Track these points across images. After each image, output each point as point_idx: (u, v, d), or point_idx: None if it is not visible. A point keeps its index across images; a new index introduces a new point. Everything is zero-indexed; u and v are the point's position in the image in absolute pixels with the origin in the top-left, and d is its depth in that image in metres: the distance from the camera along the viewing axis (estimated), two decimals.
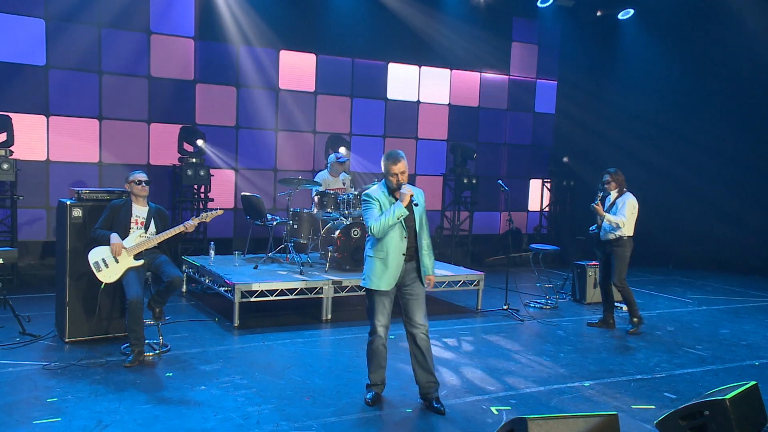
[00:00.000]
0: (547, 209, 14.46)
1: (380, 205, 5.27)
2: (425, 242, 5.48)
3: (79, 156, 10.45)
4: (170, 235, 6.37)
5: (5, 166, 9.25)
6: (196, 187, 10.66)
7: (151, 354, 6.38)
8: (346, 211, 8.55)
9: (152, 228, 6.43)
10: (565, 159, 13.70)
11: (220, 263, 8.71)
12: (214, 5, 11.05)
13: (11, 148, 9.46)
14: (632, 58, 13.92)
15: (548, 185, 14.34)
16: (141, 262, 6.28)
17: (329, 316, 8.00)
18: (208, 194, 10.62)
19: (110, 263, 6.20)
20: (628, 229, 7.90)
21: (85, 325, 6.70)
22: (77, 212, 6.63)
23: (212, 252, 8.87)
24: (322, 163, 11.61)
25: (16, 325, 6.90)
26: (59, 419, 4.80)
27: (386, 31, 12.30)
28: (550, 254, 9.85)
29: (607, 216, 7.82)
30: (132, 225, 6.35)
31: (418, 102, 13.08)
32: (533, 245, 9.89)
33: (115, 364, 6.06)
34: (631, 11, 13.35)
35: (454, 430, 4.96)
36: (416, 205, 5.32)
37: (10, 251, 5.59)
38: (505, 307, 8.84)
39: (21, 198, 9.45)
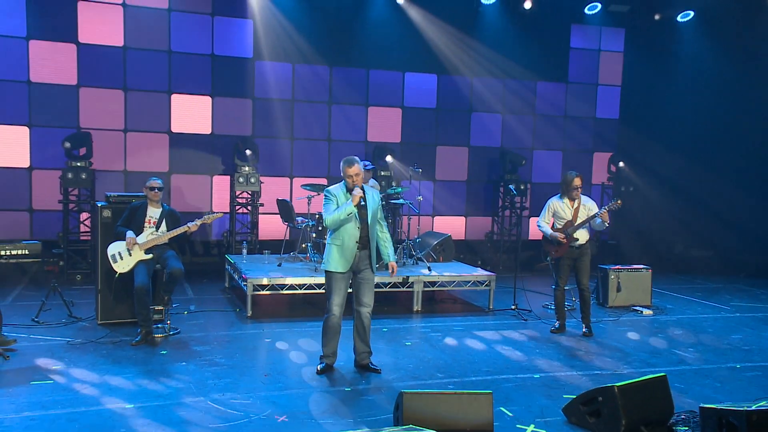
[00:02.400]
0: None
1: (337, 201, 6.14)
2: (383, 234, 6.40)
3: (151, 166, 11.84)
4: (176, 234, 7.35)
5: (83, 176, 10.77)
6: (248, 193, 11.73)
7: (160, 335, 7.37)
8: None
9: (163, 227, 7.44)
10: (621, 164, 13.60)
11: (252, 261, 9.66)
12: (270, 27, 12.13)
13: (91, 160, 10.98)
14: (694, 61, 13.57)
15: (609, 191, 14.24)
16: (150, 256, 7.29)
17: None
18: (258, 200, 11.65)
19: (125, 256, 7.27)
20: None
21: (114, 310, 7.83)
22: (106, 213, 7.80)
23: (244, 251, 9.86)
24: (375, 170, 12.37)
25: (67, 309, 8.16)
26: (51, 381, 5.84)
27: (436, 45, 12.87)
28: None
29: (606, 221, 7.88)
30: (145, 224, 7.39)
31: (470, 111, 13.52)
32: None
33: (125, 343, 7.09)
34: (691, 13, 13.07)
35: (374, 406, 5.51)
36: (363, 206, 6.10)
37: (34, 244, 6.78)
38: (513, 307, 9.16)
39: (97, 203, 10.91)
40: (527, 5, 12.73)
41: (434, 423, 4.64)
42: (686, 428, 5.10)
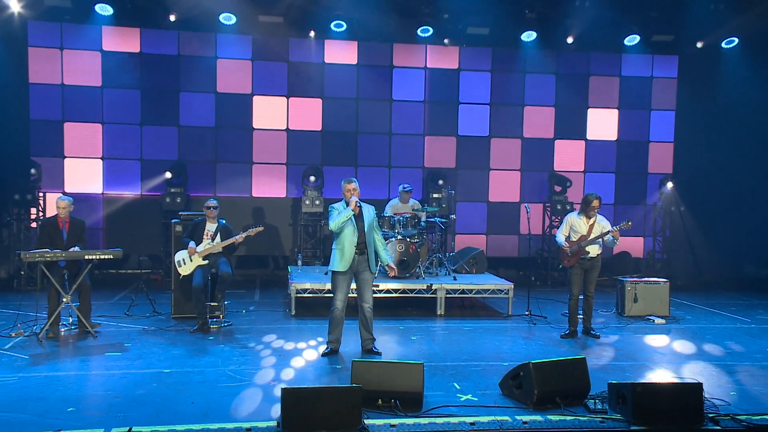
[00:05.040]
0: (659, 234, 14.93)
1: (337, 213, 7.67)
2: (378, 241, 7.91)
3: (236, 191, 13.87)
4: (226, 244, 9.11)
5: (178, 200, 12.93)
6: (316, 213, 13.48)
7: (215, 326, 9.12)
8: (396, 230, 10.62)
9: (218, 239, 9.22)
10: (670, 184, 14.17)
11: (305, 271, 11.31)
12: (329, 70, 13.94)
13: (185, 187, 13.16)
14: (744, 87, 13.83)
15: (661, 211, 14.79)
16: (207, 262, 9.09)
17: None
18: (323, 220, 13.36)
19: (187, 261, 9.11)
20: None
21: (185, 306, 9.69)
22: (178, 228, 9.71)
23: (299, 261, 11.53)
24: (428, 193, 13.80)
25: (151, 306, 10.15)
26: (119, 354, 7.70)
27: (484, 79, 14.19)
28: None
29: (617, 239, 8.85)
30: (204, 236, 9.21)
31: (522, 138, 14.64)
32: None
33: (185, 331, 8.88)
34: (735, 40, 13.51)
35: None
36: (360, 218, 7.66)
37: (116, 250, 8.70)
38: (527, 313, 10.22)
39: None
40: (569, 40, 13.73)
41: (376, 385, 5.98)
42: (594, 401, 6.12)
